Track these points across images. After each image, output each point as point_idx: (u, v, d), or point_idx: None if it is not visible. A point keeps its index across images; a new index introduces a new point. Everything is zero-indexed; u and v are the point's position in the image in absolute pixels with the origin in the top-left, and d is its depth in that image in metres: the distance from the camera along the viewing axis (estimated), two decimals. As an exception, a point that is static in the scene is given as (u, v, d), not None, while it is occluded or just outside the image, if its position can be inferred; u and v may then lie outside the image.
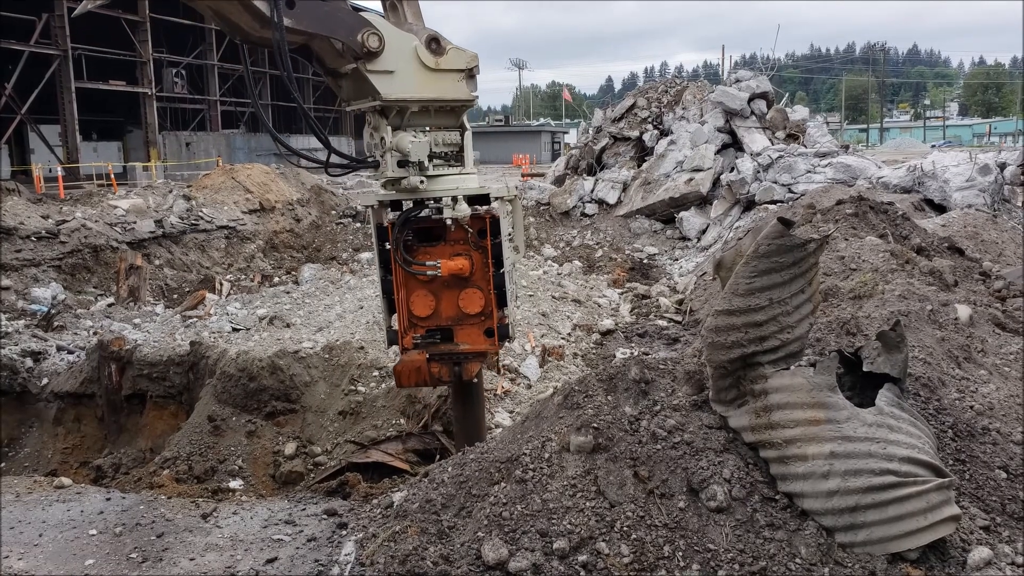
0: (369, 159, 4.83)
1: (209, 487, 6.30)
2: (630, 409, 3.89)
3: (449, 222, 4.86)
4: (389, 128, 4.69)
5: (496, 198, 5.03)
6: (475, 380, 5.41)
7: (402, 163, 4.70)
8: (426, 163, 4.76)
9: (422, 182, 4.76)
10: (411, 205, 4.96)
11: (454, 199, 4.79)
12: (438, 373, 5.10)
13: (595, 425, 3.80)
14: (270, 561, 3.66)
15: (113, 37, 42.00)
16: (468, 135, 5.10)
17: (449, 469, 4.02)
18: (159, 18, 44.72)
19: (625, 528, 3.47)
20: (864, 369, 3.68)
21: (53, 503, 4.33)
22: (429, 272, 4.89)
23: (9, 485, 4.62)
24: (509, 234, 5.17)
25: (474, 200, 4.95)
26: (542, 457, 3.82)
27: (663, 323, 12.14)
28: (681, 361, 4.15)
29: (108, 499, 4.36)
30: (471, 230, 4.94)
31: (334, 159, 4.73)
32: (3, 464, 9.61)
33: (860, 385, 3.72)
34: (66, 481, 4.70)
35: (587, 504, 3.58)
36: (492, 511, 3.65)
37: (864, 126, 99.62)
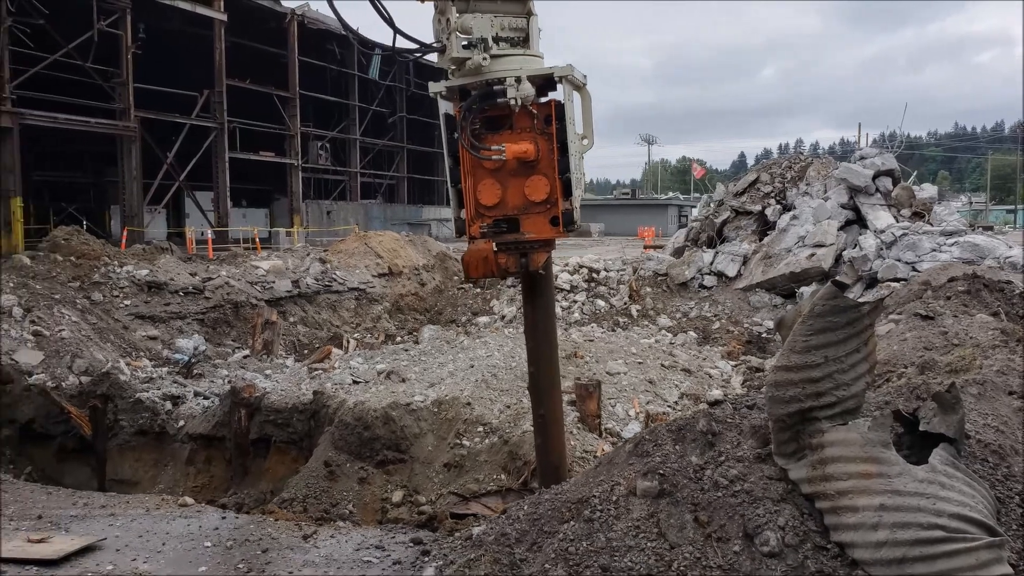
0: (435, 44, 4.90)
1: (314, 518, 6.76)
2: (696, 459, 4.11)
3: (514, 103, 4.84)
4: (454, 9, 4.75)
5: (560, 78, 4.98)
6: (542, 272, 5.38)
7: (467, 47, 4.81)
8: (490, 41, 4.81)
9: (485, 59, 4.81)
10: (478, 94, 4.99)
11: (518, 80, 4.82)
12: (505, 264, 5.09)
13: (661, 472, 4.04)
14: (358, 579, 4.04)
15: (265, 112, 45.27)
16: (535, 20, 5.15)
17: (525, 507, 4.33)
18: (308, 95, 47.90)
19: (682, 568, 3.68)
20: (920, 429, 3.79)
21: (176, 518, 4.88)
22: (494, 157, 4.87)
23: (141, 501, 5.22)
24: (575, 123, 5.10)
25: (542, 90, 4.98)
26: (610, 499, 4.08)
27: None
28: (749, 416, 4.35)
29: (223, 518, 4.88)
30: (536, 114, 4.97)
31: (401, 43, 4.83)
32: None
33: (919, 445, 3.83)
34: (189, 500, 5.26)
35: (648, 544, 3.81)
36: (560, 546, 3.93)
37: (1013, 207, 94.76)
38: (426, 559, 4.25)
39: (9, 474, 9.19)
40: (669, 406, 11.05)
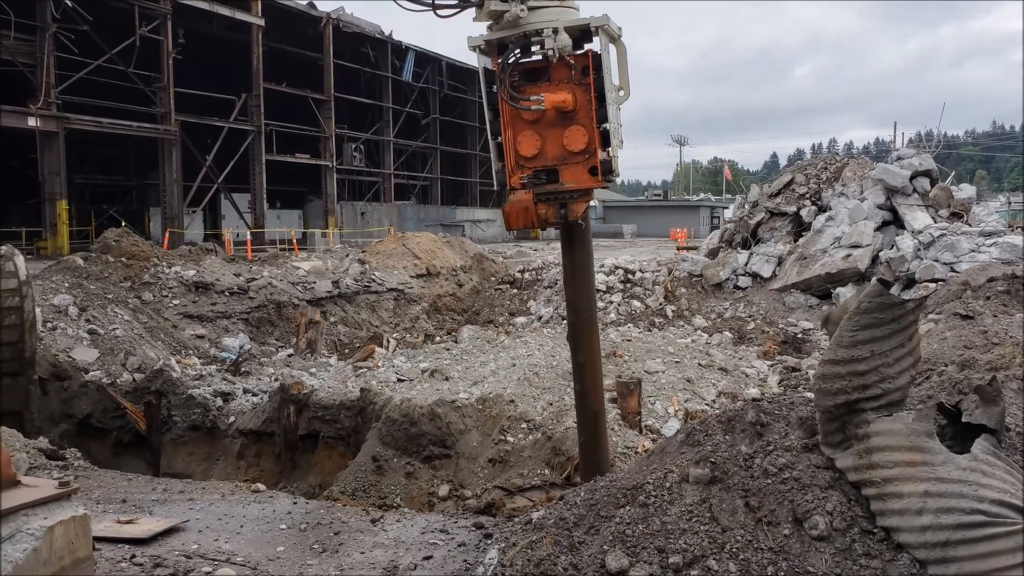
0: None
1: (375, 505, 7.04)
2: (745, 448, 4.32)
3: (552, 53, 4.92)
4: None
5: (596, 28, 5.04)
6: (581, 222, 5.44)
7: (505, 0, 4.91)
8: None
9: (523, 11, 4.93)
10: (515, 46, 5.06)
11: (555, 31, 4.91)
12: (544, 214, 5.20)
13: (712, 460, 4.26)
14: (426, 558, 4.31)
15: (301, 114, 45.92)
16: None
17: (581, 494, 4.57)
18: (343, 97, 48.51)
19: (734, 549, 3.90)
20: (962, 420, 3.98)
21: (251, 503, 5.18)
22: (533, 107, 4.95)
23: (216, 488, 5.53)
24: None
25: (579, 42, 5.07)
26: (663, 486, 4.31)
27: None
28: (795, 408, 4.56)
29: (295, 503, 5.17)
30: (574, 64, 5.04)
31: None
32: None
33: (961, 436, 4.02)
34: (261, 487, 5.57)
35: (701, 528, 4.04)
36: (617, 529, 4.16)
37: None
38: (488, 541, 4.51)
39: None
40: (707, 404, 11.25)
